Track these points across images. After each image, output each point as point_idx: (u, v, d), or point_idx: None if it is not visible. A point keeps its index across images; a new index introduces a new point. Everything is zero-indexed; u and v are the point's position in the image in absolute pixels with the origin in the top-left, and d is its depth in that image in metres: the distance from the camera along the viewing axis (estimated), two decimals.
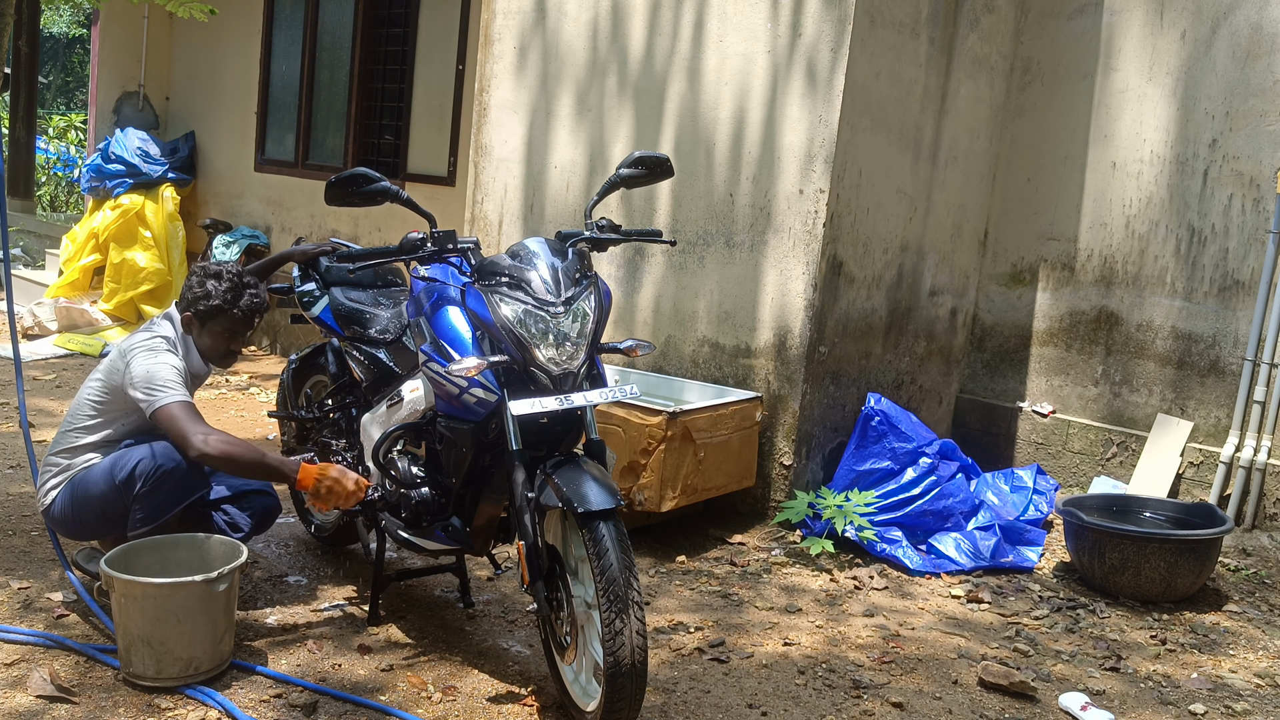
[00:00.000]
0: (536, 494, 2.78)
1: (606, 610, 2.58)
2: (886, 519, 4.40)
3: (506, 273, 2.88)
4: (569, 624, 2.82)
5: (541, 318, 2.83)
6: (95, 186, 8.26)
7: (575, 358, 2.87)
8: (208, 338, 3.39)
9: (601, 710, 2.66)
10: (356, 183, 2.91)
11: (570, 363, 2.86)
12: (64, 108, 22.32)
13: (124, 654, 2.92)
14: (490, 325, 2.87)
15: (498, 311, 2.84)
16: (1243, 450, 4.70)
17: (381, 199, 2.94)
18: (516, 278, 2.87)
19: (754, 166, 4.63)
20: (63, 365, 6.93)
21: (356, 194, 2.92)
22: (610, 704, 2.64)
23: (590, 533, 2.63)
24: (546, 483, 2.76)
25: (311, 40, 7.70)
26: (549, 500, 2.73)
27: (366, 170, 2.93)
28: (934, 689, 3.27)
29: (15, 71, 10.44)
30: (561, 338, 2.85)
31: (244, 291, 3.38)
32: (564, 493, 2.67)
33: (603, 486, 2.69)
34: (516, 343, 2.83)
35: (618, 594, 2.58)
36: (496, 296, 2.86)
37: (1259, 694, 3.39)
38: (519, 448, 2.84)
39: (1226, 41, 4.80)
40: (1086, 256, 5.24)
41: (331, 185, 2.92)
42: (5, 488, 4.41)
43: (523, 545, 2.78)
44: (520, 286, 2.86)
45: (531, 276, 2.87)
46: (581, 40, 5.15)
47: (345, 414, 3.76)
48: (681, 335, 4.91)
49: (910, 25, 4.67)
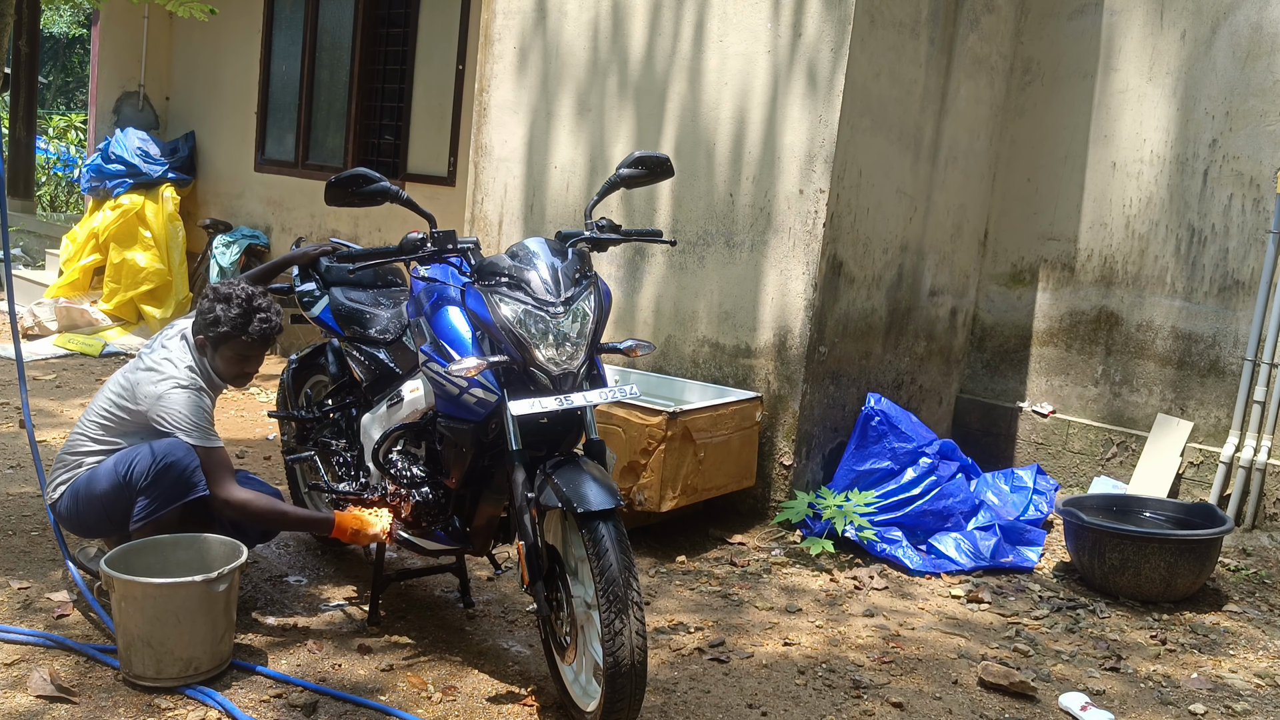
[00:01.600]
0: (536, 494, 2.78)
1: (606, 610, 2.58)
2: (886, 519, 4.40)
3: (506, 273, 2.88)
4: (569, 624, 2.82)
5: (541, 318, 2.83)
6: (95, 186, 8.26)
7: (575, 358, 2.87)
8: (220, 361, 3.35)
9: (601, 710, 2.67)
10: (356, 183, 2.91)
11: (570, 363, 2.86)
12: (64, 108, 22.32)
13: (124, 654, 2.92)
14: (490, 325, 2.87)
15: (497, 311, 2.84)
16: (1243, 450, 4.70)
17: (381, 199, 2.94)
18: (516, 278, 2.87)
19: (754, 166, 4.63)
20: (63, 365, 6.93)
21: (356, 194, 2.92)
22: (610, 704, 2.64)
23: (590, 533, 2.63)
24: (546, 483, 2.76)
25: (311, 40, 7.70)
26: (549, 500, 2.73)
27: (366, 170, 2.93)
28: (934, 689, 3.27)
29: (15, 71, 10.45)
30: (561, 338, 2.84)
31: (254, 316, 3.32)
32: (564, 493, 2.67)
33: (603, 487, 2.68)
34: (516, 343, 2.83)
35: (617, 594, 2.58)
36: (496, 296, 2.86)
37: (1259, 694, 3.39)
38: (519, 448, 2.85)
39: (1226, 41, 4.79)
40: (1086, 256, 5.24)
41: (331, 185, 2.92)
42: (5, 488, 4.41)
43: (523, 545, 2.79)
44: (520, 286, 2.86)
45: (531, 277, 2.86)
46: (582, 40, 5.15)
47: (345, 414, 3.76)
48: (682, 335, 4.91)
49: (910, 25, 4.67)
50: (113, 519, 3.26)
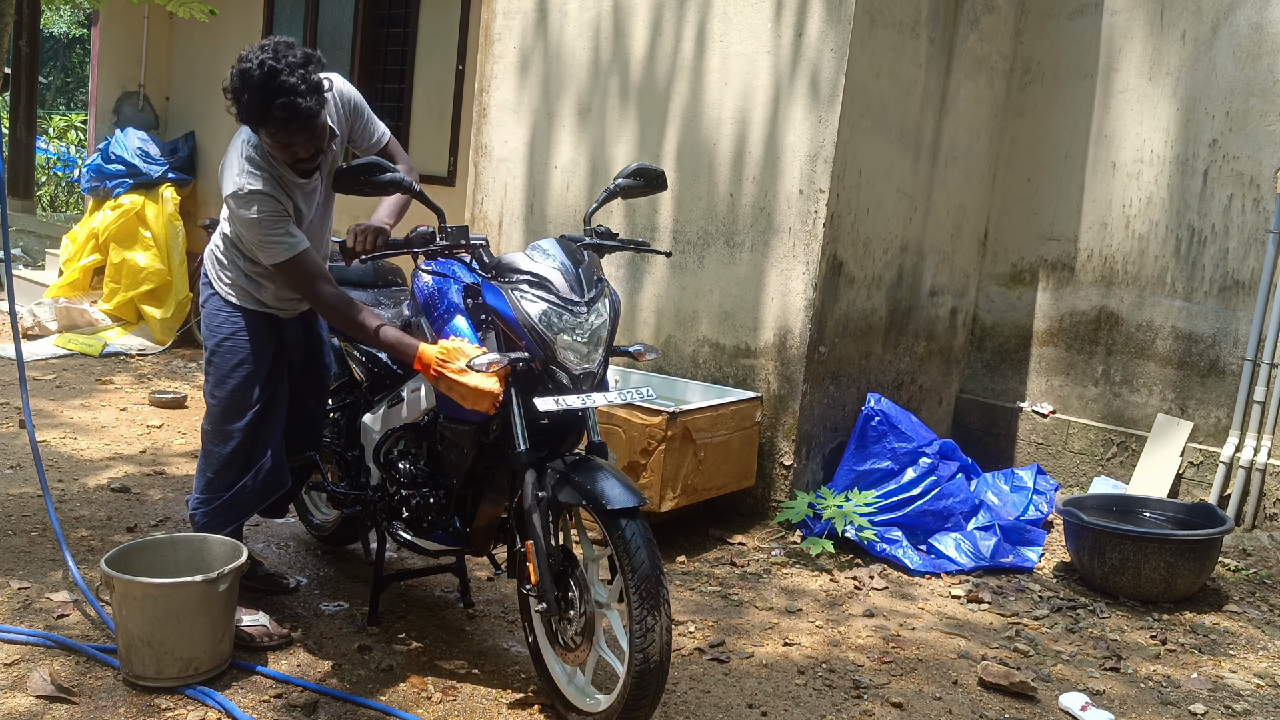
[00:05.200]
0: (553, 493, 2.76)
1: (639, 607, 2.58)
2: (886, 519, 4.40)
3: (528, 271, 2.87)
4: (580, 624, 2.79)
5: (565, 316, 2.82)
6: (95, 186, 8.25)
7: (595, 357, 2.88)
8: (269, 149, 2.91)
9: (624, 707, 2.66)
10: (369, 171, 2.87)
11: (591, 362, 2.86)
12: (64, 108, 22.31)
13: (124, 654, 2.92)
14: (511, 322, 2.85)
15: (519, 308, 2.83)
16: (1243, 450, 4.70)
17: (393, 189, 2.91)
18: (539, 276, 2.86)
19: (754, 166, 4.63)
20: (63, 365, 6.93)
21: (368, 183, 2.88)
22: (635, 700, 2.64)
23: (618, 531, 2.64)
24: (565, 481, 2.74)
25: (311, 40, 7.69)
26: (569, 499, 2.71)
27: (379, 159, 2.90)
28: (934, 689, 3.27)
29: (16, 71, 10.44)
30: (583, 336, 2.84)
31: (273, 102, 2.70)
32: (588, 490, 2.67)
33: (625, 485, 2.69)
34: (539, 340, 2.82)
35: (650, 591, 2.59)
36: (518, 293, 2.85)
37: (1259, 694, 3.38)
38: (527, 447, 2.84)
39: (1226, 41, 4.79)
40: (1086, 256, 5.24)
41: (343, 173, 2.88)
42: (5, 488, 4.41)
43: (531, 545, 2.76)
44: (543, 285, 2.84)
45: (554, 276, 2.86)
46: (582, 40, 5.15)
47: (345, 413, 3.76)
48: (682, 335, 4.91)
49: (910, 25, 4.67)
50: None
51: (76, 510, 4.23)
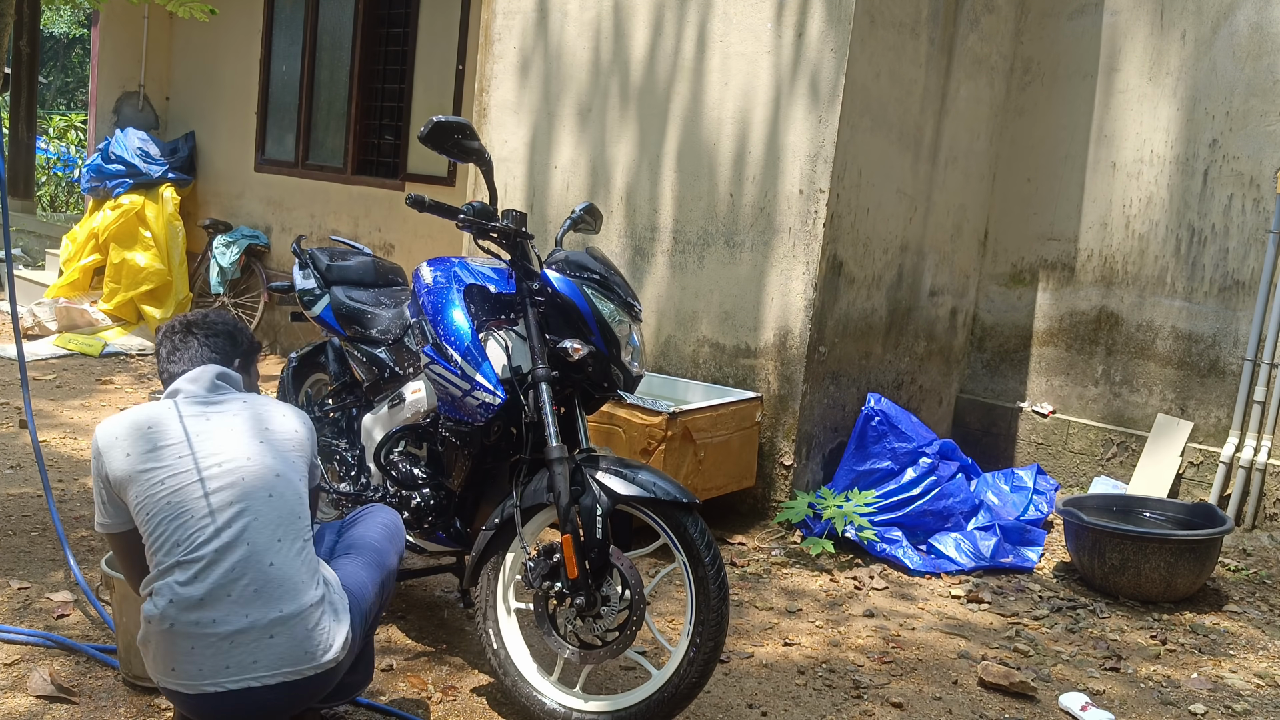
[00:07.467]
0: (600, 488, 2.69)
1: (716, 598, 2.62)
2: (886, 519, 4.40)
3: (596, 272, 2.95)
4: (616, 619, 2.70)
5: (625, 320, 2.94)
6: (95, 186, 8.26)
7: (640, 360, 3.01)
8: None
9: (685, 680, 2.65)
10: (464, 131, 2.82)
11: (640, 365, 2.99)
12: (64, 108, 22.32)
13: (124, 654, 2.91)
14: (586, 316, 2.88)
15: (595, 305, 2.88)
16: (1243, 450, 4.70)
17: (474, 159, 2.88)
18: (605, 278, 2.94)
19: (755, 167, 4.63)
20: (63, 365, 6.93)
21: (458, 145, 2.83)
22: (690, 689, 2.66)
23: (681, 526, 2.66)
24: (616, 477, 2.70)
25: (311, 40, 7.70)
26: (632, 492, 2.67)
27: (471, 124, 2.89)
28: (934, 689, 3.27)
29: (16, 71, 10.44)
30: (635, 340, 2.98)
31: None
32: (649, 485, 2.67)
33: (672, 483, 2.71)
34: (610, 339, 2.88)
35: (724, 582, 2.64)
36: (590, 290, 2.91)
37: (1259, 694, 3.39)
38: (560, 443, 2.77)
39: (1226, 41, 4.80)
40: (1087, 257, 5.24)
41: (438, 125, 2.78)
42: (5, 488, 4.41)
43: (570, 539, 2.67)
44: (611, 287, 2.94)
45: (616, 280, 2.97)
46: (583, 40, 5.15)
47: (345, 414, 3.76)
48: (682, 335, 4.91)
49: (910, 25, 4.68)
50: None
51: (76, 510, 4.23)
